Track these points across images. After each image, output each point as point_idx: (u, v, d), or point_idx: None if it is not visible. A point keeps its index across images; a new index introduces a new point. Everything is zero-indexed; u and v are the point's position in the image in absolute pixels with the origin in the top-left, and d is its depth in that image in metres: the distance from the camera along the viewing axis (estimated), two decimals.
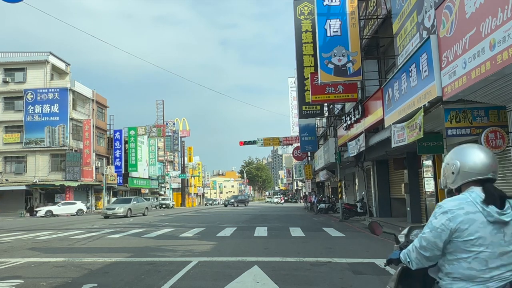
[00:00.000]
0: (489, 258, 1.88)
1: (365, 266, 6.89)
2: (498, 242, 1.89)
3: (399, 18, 11.21)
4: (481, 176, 1.97)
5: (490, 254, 1.88)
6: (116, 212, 25.16)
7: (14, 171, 37.28)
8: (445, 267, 1.99)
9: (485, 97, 7.23)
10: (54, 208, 31.70)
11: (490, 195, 1.92)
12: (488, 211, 1.89)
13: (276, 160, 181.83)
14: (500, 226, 1.89)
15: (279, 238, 11.53)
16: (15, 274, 6.76)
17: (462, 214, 1.90)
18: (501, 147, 7.54)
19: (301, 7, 23.44)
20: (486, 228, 1.89)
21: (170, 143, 57.48)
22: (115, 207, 25.80)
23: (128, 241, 11.42)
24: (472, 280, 1.89)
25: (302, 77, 23.92)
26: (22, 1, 8.09)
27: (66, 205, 32.82)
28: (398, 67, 10.26)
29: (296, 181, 71.45)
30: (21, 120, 37.27)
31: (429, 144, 10.17)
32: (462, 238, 1.90)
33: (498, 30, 5.52)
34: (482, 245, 1.88)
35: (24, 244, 11.30)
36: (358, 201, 19.83)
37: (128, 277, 6.31)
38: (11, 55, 39.23)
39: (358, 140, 16.00)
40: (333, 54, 14.18)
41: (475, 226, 1.89)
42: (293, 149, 43.79)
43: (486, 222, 1.89)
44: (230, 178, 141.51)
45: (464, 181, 2.01)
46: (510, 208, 1.91)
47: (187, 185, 66.31)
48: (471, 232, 1.88)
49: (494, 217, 1.88)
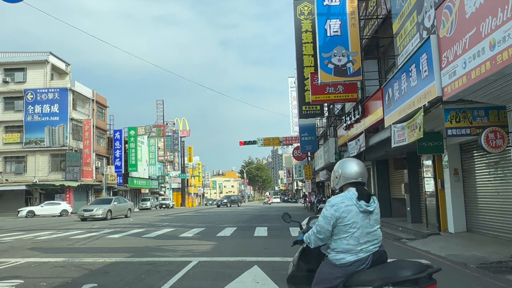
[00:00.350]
0: (359, 236, 2.71)
1: None
2: (366, 225, 2.73)
3: (399, 18, 11.21)
4: (354, 180, 2.82)
5: (360, 233, 2.71)
6: (94, 214, 22.93)
7: (14, 171, 37.28)
8: (331, 244, 2.81)
9: (485, 97, 7.23)
10: (36, 209, 30.96)
11: (360, 193, 2.75)
12: (360, 204, 2.72)
13: (276, 160, 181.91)
14: (367, 214, 2.75)
15: (279, 238, 11.53)
16: (15, 274, 6.76)
17: (343, 206, 2.71)
18: (501, 147, 7.53)
19: (301, 7, 23.44)
20: (358, 216, 2.71)
21: (170, 143, 57.48)
22: (93, 208, 23.54)
23: (128, 241, 11.42)
24: (349, 252, 2.71)
25: (302, 77, 23.91)
26: (22, 1, 8.09)
27: (49, 205, 31.68)
28: (398, 67, 10.26)
29: (296, 181, 71.50)
30: (21, 120, 37.27)
31: (429, 144, 10.17)
32: (343, 223, 2.71)
33: (498, 30, 5.52)
34: (356, 227, 2.70)
35: (24, 244, 11.30)
36: None
37: (128, 277, 6.31)
38: (11, 55, 39.24)
39: (358, 140, 16.00)
40: (333, 54, 14.17)
41: (351, 215, 2.70)
42: (293, 149, 43.80)
43: (358, 212, 2.72)
44: (230, 178, 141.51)
45: (344, 183, 2.87)
46: (374, 202, 2.78)
47: (187, 185, 66.32)
48: (349, 219, 2.69)
49: (363, 208, 2.72)
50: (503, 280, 5.67)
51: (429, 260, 7.36)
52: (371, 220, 2.76)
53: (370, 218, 2.76)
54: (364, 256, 2.70)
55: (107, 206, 23.93)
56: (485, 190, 9.67)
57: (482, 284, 5.54)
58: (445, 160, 10.51)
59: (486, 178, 9.62)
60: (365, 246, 2.72)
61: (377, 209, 2.82)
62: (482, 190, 9.79)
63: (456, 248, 8.26)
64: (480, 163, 9.82)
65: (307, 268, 3.10)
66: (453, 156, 10.44)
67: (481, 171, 9.79)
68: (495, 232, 9.22)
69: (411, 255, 7.98)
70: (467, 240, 9.14)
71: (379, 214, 2.85)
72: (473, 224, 10.16)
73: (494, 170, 9.31)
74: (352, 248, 2.70)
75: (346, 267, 2.71)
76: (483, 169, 9.73)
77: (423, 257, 7.70)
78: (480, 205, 9.85)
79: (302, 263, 3.16)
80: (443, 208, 10.67)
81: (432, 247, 8.68)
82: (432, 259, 7.48)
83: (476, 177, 9.98)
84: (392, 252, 8.44)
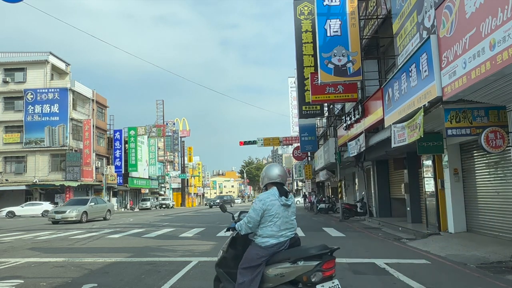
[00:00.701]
0: (280, 224, 3.49)
1: (365, 266, 6.89)
2: (285, 215, 3.53)
3: (399, 18, 11.21)
4: (273, 180, 3.63)
5: (281, 222, 3.50)
6: (66, 216, 20.36)
7: (14, 171, 37.29)
8: (258, 231, 3.55)
9: (485, 97, 7.23)
10: (16, 209, 30.54)
11: (280, 191, 3.57)
12: (281, 199, 3.52)
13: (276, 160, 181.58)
14: (286, 207, 3.55)
15: None
16: (15, 274, 6.76)
17: (268, 201, 3.50)
18: (501, 147, 7.53)
19: (301, 7, 23.43)
20: (280, 208, 3.51)
21: (170, 143, 57.48)
22: (66, 209, 20.87)
23: (128, 241, 11.42)
24: (272, 236, 3.48)
25: (302, 77, 23.91)
26: (22, 1, 8.09)
27: (30, 206, 30.99)
28: (398, 67, 10.26)
29: (296, 181, 71.41)
30: (21, 120, 37.28)
31: (429, 144, 10.16)
32: (268, 214, 3.48)
33: (498, 30, 5.52)
34: (278, 217, 3.48)
35: (24, 244, 11.30)
36: (358, 201, 19.81)
37: (128, 277, 6.31)
38: (11, 55, 39.24)
39: (358, 140, 16.00)
40: (333, 54, 14.17)
41: (275, 207, 3.49)
42: (293, 149, 43.76)
43: (280, 205, 3.51)
44: (230, 178, 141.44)
45: (267, 182, 3.68)
46: (291, 198, 3.59)
47: (187, 185, 66.33)
48: (273, 211, 3.48)
49: (283, 202, 3.52)
50: (503, 280, 5.67)
51: (429, 260, 7.37)
52: (289, 212, 3.59)
53: (288, 210, 3.58)
54: (283, 240, 3.51)
55: (82, 207, 21.31)
56: (485, 190, 9.66)
57: (482, 284, 5.54)
58: (445, 160, 10.51)
59: (486, 178, 9.62)
60: (284, 232, 3.52)
61: (293, 203, 3.67)
62: (482, 190, 9.79)
63: (456, 248, 8.26)
64: (480, 163, 9.82)
65: (235, 253, 3.79)
66: (453, 156, 10.44)
67: (481, 171, 9.79)
68: (495, 232, 9.22)
69: (411, 255, 7.98)
70: (467, 240, 9.14)
71: (295, 207, 3.70)
72: (473, 224, 10.16)
73: (494, 170, 9.31)
74: (274, 233, 3.49)
75: (269, 248, 3.47)
76: (483, 169, 9.73)
77: (423, 257, 7.70)
78: (480, 205, 9.84)
79: (231, 249, 3.86)
80: (443, 208, 10.66)
81: (432, 247, 8.67)
82: (432, 259, 7.48)
83: (476, 177, 9.98)
84: (392, 252, 8.46)
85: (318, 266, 3.31)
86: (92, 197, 26.55)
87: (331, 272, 3.39)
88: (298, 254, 3.41)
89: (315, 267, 3.31)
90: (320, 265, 3.32)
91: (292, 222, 3.59)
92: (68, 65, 42.23)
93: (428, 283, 5.51)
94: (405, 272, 6.22)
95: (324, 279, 3.34)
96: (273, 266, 3.48)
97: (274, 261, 3.47)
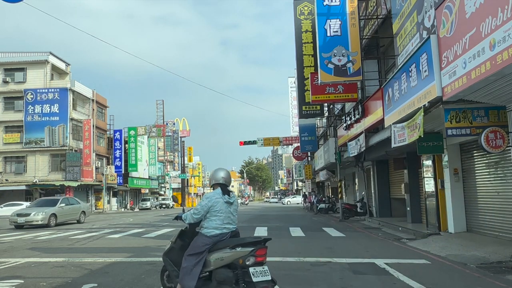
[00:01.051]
0: (224, 219, 4.22)
1: (365, 266, 6.89)
2: (228, 211, 4.27)
3: (399, 18, 11.21)
4: (218, 181, 4.37)
5: (224, 217, 4.23)
6: (31, 220, 17.67)
7: (14, 171, 37.26)
8: (204, 224, 4.28)
9: (485, 97, 7.23)
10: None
11: (223, 190, 4.31)
12: (224, 197, 4.25)
13: (276, 160, 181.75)
14: (229, 204, 4.28)
15: (279, 238, 11.52)
16: (15, 274, 6.76)
17: (214, 199, 4.23)
18: (501, 147, 7.53)
19: (301, 7, 23.43)
20: (224, 205, 4.23)
21: (170, 143, 57.42)
22: (31, 212, 18.05)
23: (128, 241, 11.42)
24: (216, 228, 4.19)
25: (302, 77, 23.91)
26: (22, 1, 8.09)
27: (10, 206, 28.96)
28: (398, 67, 10.26)
29: (296, 181, 71.42)
30: (21, 120, 37.26)
31: (429, 144, 10.16)
32: (214, 209, 4.21)
33: (498, 30, 5.52)
34: (222, 213, 4.21)
35: (24, 244, 11.30)
36: (358, 201, 19.82)
37: (128, 277, 6.31)
38: (11, 55, 39.21)
39: (358, 140, 16.00)
40: (333, 54, 14.17)
41: (219, 204, 4.21)
42: (293, 149, 43.76)
43: (223, 202, 4.23)
44: None
45: (213, 183, 4.43)
46: (233, 197, 4.36)
47: (187, 185, 66.27)
48: (217, 207, 4.20)
49: (226, 200, 4.25)
50: (503, 280, 5.67)
51: (429, 260, 7.37)
52: (231, 208, 4.34)
53: (231, 207, 4.33)
54: (226, 231, 4.25)
55: (50, 209, 18.55)
56: (485, 190, 9.66)
57: (482, 284, 5.54)
58: (445, 160, 10.51)
59: (486, 178, 9.62)
60: (227, 225, 4.26)
61: (235, 201, 4.40)
62: (482, 190, 9.79)
63: (456, 248, 8.26)
64: (480, 163, 9.82)
65: (182, 244, 4.50)
66: (453, 156, 10.44)
67: (481, 171, 9.79)
68: (495, 232, 9.22)
69: (411, 255, 7.98)
70: (467, 240, 9.14)
71: (237, 205, 4.45)
72: (473, 224, 10.16)
73: (494, 170, 9.31)
74: (218, 226, 4.22)
75: (213, 237, 4.19)
76: (483, 169, 9.73)
77: (423, 257, 7.70)
78: (480, 205, 9.84)
79: (179, 241, 4.58)
80: (443, 208, 10.66)
81: (432, 247, 8.67)
82: (432, 259, 7.48)
83: (476, 177, 9.97)
84: (392, 252, 8.46)
85: (252, 252, 4.00)
86: (63, 197, 23.32)
87: (263, 259, 4.07)
88: (236, 242, 4.15)
89: (250, 252, 4.01)
90: (254, 251, 4.01)
91: (233, 218, 4.35)
92: (68, 65, 42.21)
93: (428, 283, 5.51)
94: (405, 272, 6.22)
95: (256, 264, 4.01)
96: (214, 252, 4.15)
97: (215, 249, 4.18)
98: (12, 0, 7.84)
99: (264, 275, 3.96)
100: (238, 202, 4.58)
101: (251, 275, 3.92)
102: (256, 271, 3.95)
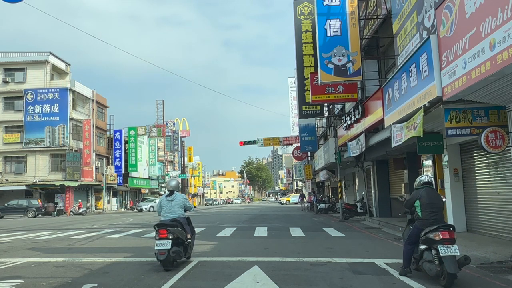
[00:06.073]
0: (166, 211, 7.36)
1: (365, 266, 6.89)
2: (169, 206, 7.38)
3: (399, 18, 11.21)
4: (168, 189, 7.56)
5: (166, 209, 7.36)
6: None
7: (14, 171, 37.28)
8: (161, 214, 7.48)
9: (485, 97, 7.23)
10: None
11: (169, 194, 7.47)
12: (167, 198, 7.44)
13: (276, 160, 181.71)
14: (170, 201, 7.39)
15: (279, 238, 11.53)
16: (15, 274, 6.76)
17: (161, 200, 7.57)
18: (501, 147, 7.53)
19: (301, 7, 23.44)
20: (166, 202, 7.41)
21: (170, 143, 57.41)
22: None
23: (128, 241, 11.42)
24: (162, 216, 7.35)
25: (302, 77, 23.91)
26: (22, 1, 8.09)
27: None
28: (398, 67, 10.26)
29: (296, 181, 71.34)
30: (21, 120, 37.27)
31: (429, 144, 10.16)
32: (161, 206, 7.47)
33: (498, 30, 5.52)
34: (164, 208, 7.39)
35: (24, 244, 11.30)
36: (358, 201, 19.82)
37: (128, 277, 6.31)
38: (11, 55, 39.21)
39: (358, 140, 16.00)
40: (333, 54, 14.17)
41: (163, 202, 7.45)
42: (293, 149, 43.76)
43: (166, 200, 7.42)
44: (230, 178, 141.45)
45: (167, 189, 7.62)
46: (175, 197, 7.41)
47: (187, 185, 66.24)
48: (163, 204, 7.44)
49: (167, 200, 7.42)
50: (503, 280, 5.67)
51: None
52: (171, 204, 7.31)
53: (172, 204, 7.30)
54: (167, 218, 7.17)
55: None
56: (485, 190, 9.66)
57: (482, 284, 5.54)
58: (445, 160, 10.51)
59: (486, 178, 9.62)
60: (169, 215, 7.24)
61: (176, 199, 7.36)
62: (482, 190, 9.79)
63: None
64: (480, 163, 9.82)
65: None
66: (453, 156, 10.44)
67: (481, 171, 9.79)
68: (495, 232, 9.22)
69: None
70: (467, 240, 9.14)
71: (179, 202, 7.37)
72: (473, 224, 10.16)
73: (494, 170, 9.31)
74: (163, 215, 7.29)
75: (162, 221, 7.09)
76: (483, 169, 9.73)
77: None
78: (480, 205, 9.84)
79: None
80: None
81: None
82: None
83: (476, 177, 9.97)
84: (392, 252, 8.46)
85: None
86: None
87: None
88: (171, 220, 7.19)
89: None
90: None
91: (172, 210, 7.28)
92: (68, 65, 42.22)
93: (428, 283, 5.52)
94: None
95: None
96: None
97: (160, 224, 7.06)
98: (12, 0, 7.84)
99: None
100: (181, 198, 7.41)
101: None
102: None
